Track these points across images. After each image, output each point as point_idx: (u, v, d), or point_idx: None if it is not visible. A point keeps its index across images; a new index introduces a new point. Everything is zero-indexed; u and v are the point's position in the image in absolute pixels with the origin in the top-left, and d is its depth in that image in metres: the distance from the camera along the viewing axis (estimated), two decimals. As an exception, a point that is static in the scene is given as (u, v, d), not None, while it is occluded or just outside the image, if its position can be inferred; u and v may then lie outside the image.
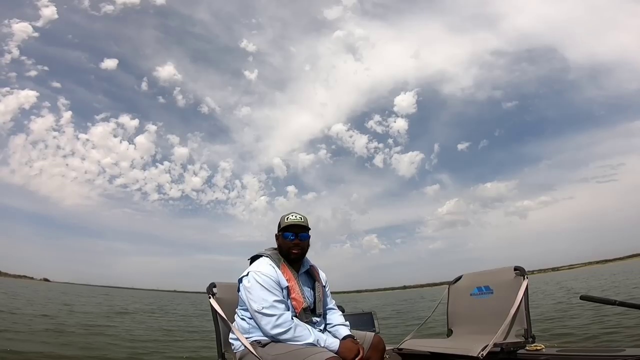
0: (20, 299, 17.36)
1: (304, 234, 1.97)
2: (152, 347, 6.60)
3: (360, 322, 2.68)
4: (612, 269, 52.44)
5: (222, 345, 2.09)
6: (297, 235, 1.95)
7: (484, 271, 2.68)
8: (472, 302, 2.59)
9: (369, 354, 1.89)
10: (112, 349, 6.14)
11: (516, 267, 2.41)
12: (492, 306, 2.44)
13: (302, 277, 1.98)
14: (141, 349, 6.36)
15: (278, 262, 1.93)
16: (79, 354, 5.57)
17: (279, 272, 1.88)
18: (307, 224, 2.00)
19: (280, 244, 2.00)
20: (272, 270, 1.88)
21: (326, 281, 2.14)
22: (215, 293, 2.19)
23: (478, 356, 2.01)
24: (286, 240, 1.95)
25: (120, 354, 5.83)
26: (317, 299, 1.99)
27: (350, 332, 1.97)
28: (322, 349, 1.71)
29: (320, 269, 2.14)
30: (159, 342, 7.32)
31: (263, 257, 1.97)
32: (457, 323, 2.67)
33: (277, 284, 1.84)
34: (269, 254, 1.98)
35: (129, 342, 6.94)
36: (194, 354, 6.13)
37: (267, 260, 1.94)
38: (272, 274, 1.86)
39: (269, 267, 1.89)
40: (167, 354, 6.17)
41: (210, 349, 6.25)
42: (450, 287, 2.79)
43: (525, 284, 2.29)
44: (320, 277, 2.09)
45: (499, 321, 2.20)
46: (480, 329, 2.37)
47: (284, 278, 1.88)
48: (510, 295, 2.30)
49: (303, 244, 1.97)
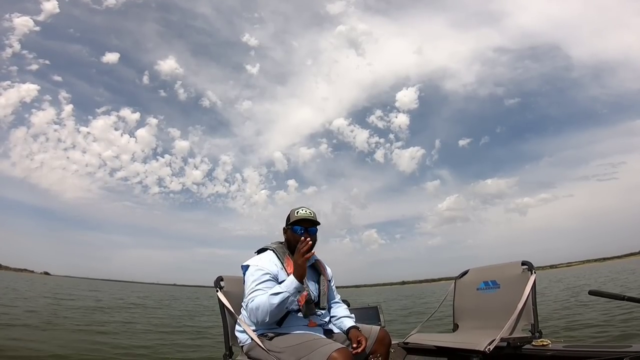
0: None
1: (313, 229, 1.97)
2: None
3: (366, 316, 2.68)
4: (610, 267, 52.70)
5: (229, 338, 2.09)
6: (307, 229, 1.95)
7: (491, 265, 2.66)
8: (478, 296, 2.57)
9: (374, 347, 1.89)
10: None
11: (524, 262, 2.38)
12: (498, 301, 2.42)
13: (307, 271, 1.92)
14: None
15: (283, 255, 1.94)
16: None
17: (279, 266, 1.89)
18: (316, 219, 2.00)
19: (288, 237, 2.00)
20: (271, 264, 1.89)
21: (332, 276, 2.15)
22: (222, 287, 2.19)
23: (484, 351, 1.99)
24: (295, 234, 1.94)
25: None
26: (322, 292, 2.00)
27: (356, 325, 1.98)
28: (330, 341, 1.70)
29: (325, 264, 2.13)
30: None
31: (267, 251, 1.98)
32: (463, 318, 2.65)
33: (273, 278, 1.84)
34: (274, 247, 1.98)
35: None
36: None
37: (270, 255, 1.95)
38: (269, 268, 1.86)
39: (268, 262, 1.90)
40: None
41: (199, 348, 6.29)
42: (456, 282, 2.78)
43: (533, 279, 2.26)
44: (326, 271, 2.09)
45: (506, 316, 2.19)
46: (486, 323, 2.36)
47: (285, 272, 1.87)
48: (517, 290, 2.27)
49: (312, 239, 1.93)
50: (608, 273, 28.85)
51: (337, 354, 1.55)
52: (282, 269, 1.89)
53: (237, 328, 1.97)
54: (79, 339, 6.46)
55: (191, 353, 6.17)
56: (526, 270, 2.35)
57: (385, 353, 1.93)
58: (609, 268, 45.69)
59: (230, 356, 2.06)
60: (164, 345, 6.58)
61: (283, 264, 1.90)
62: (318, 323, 1.93)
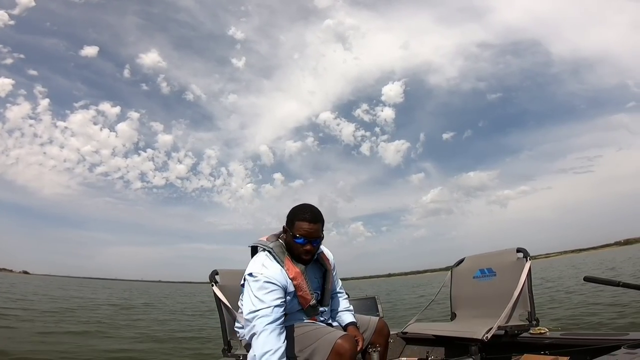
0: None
1: (316, 240, 1.75)
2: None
3: (364, 306, 2.67)
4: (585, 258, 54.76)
5: (227, 333, 2.04)
6: (310, 242, 1.72)
7: (487, 253, 2.66)
8: (475, 285, 2.58)
9: (373, 338, 1.86)
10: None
11: (519, 249, 2.39)
12: (495, 289, 2.43)
13: (309, 270, 1.82)
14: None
15: (282, 256, 1.73)
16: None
17: (284, 274, 1.68)
18: (322, 228, 1.77)
19: (289, 242, 1.76)
20: (280, 274, 1.67)
21: (334, 264, 1.99)
22: (217, 281, 2.12)
23: (482, 339, 2.02)
24: (297, 244, 1.72)
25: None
26: (326, 290, 1.88)
27: (355, 318, 1.92)
28: (333, 329, 1.67)
29: (327, 250, 1.96)
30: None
31: (265, 254, 1.75)
32: (460, 306, 2.66)
33: (282, 289, 1.65)
34: (271, 247, 1.75)
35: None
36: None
37: (270, 261, 1.71)
38: (279, 279, 1.65)
39: (277, 271, 1.67)
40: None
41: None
42: (453, 270, 2.78)
43: (528, 266, 2.27)
44: (330, 264, 1.93)
45: (503, 304, 2.20)
46: (483, 312, 2.37)
47: (290, 278, 1.69)
48: (513, 278, 2.28)
49: (315, 250, 1.78)
50: (592, 264, 29.25)
51: (343, 341, 1.54)
52: (286, 276, 1.69)
53: (236, 325, 1.90)
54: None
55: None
56: (521, 257, 2.36)
57: (385, 344, 1.90)
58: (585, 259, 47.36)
59: (229, 350, 2.01)
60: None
61: (283, 267, 1.70)
62: (319, 320, 1.86)
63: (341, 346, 1.52)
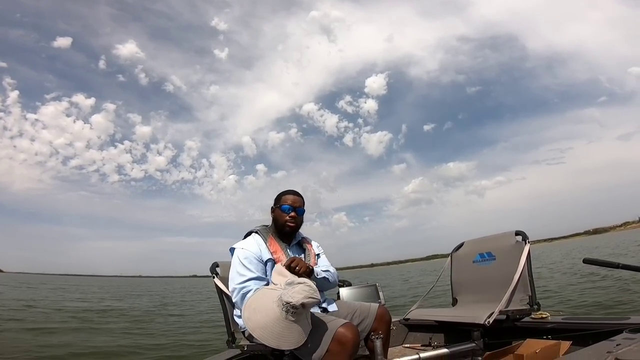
0: None
1: (300, 209, 2.02)
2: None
3: (365, 294, 2.65)
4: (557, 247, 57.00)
5: (230, 324, 2.01)
6: (295, 209, 1.99)
7: (485, 237, 2.66)
8: (475, 269, 2.58)
9: (375, 325, 1.87)
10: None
11: (517, 232, 2.38)
12: (495, 273, 2.42)
13: (292, 249, 2.01)
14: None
15: (266, 235, 1.97)
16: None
17: (262, 247, 1.91)
18: (303, 202, 2.06)
19: (276, 216, 2.02)
20: (255, 246, 1.90)
21: (321, 250, 2.15)
22: (218, 273, 2.13)
23: (484, 324, 2.01)
24: (283, 213, 1.98)
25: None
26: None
27: (355, 304, 2.00)
28: (334, 317, 1.68)
29: (313, 240, 2.15)
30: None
31: (252, 234, 1.99)
32: (461, 291, 2.67)
33: (257, 259, 1.86)
34: (258, 229, 2.01)
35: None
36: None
37: (254, 237, 1.96)
38: (253, 250, 1.88)
39: (253, 243, 1.92)
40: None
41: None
42: (452, 255, 2.77)
43: (527, 249, 2.26)
44: (313, 248, 2.10)
45: (503, 288, 2.19)
46: (484, 296, 2.38)
47: (268, 252, 1.89)
48: (513, 261, 2.28)
49: (299, 219, 2.01)
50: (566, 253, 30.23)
51: (344, 329, 1.55)
52: (265, 249, 1.91)
53: (235, 312, 1.92)
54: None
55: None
56: (520, 240, 2.35)
57: (386, 330, 1.90)
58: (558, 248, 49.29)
59: (233, 342, 1.98)
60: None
61: (266, 243, 1.93)
62: (321, 306, 1.90)
63: (343, 335, 1.54)
